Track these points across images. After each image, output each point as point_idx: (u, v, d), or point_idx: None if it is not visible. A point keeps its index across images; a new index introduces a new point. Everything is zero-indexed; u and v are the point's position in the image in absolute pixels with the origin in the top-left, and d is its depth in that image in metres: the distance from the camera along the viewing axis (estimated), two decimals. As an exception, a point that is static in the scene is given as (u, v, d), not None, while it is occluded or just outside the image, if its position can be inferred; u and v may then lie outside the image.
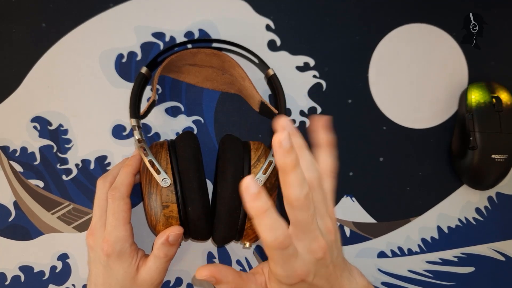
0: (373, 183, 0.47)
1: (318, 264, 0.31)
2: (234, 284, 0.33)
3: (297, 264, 0.30)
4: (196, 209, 0.36)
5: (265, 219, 0.27)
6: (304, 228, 0.29)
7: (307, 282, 0.31)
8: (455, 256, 0.47)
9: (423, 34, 0.48)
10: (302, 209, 0.29)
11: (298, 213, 0.29)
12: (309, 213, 0.29)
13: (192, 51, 0.43)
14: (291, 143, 0.27)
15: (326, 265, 0.31)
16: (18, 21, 0.46)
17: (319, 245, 0.30)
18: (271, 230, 0.28)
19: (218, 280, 0.32)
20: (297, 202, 0.28)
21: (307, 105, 0.47)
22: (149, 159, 0.37)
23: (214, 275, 0.32)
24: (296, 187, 0.28)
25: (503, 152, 0.43)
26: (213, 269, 0.32)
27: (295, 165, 0.28)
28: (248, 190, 0.27)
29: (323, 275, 0.32)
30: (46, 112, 0.46)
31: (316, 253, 0.30)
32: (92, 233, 0.38)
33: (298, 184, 0.28)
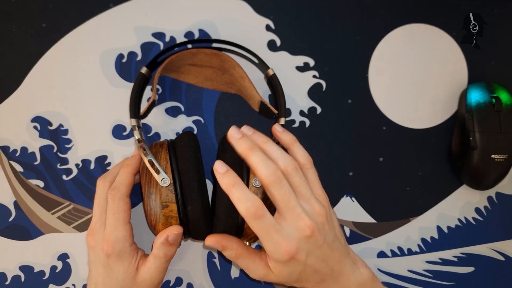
0: (373, 183, 0.47)
1: (309, 243, 0.33)
2: (238, 251, 0.36)
3: (282, 238, 0.32)
4: (195, 209, 0.36)
5: (235, 192, 0.31)
6: (284, 205, 0.32)
7: (300, 260, 0.33)
8: (454, 256, 0.47)
9: (423, 34, 0.48)
10: (274, 186, 0.32)
11: (273, 190, 0.32)
12: (283, 190, 0.32)
13: (192, 51, 0.43)
14: (241, 133, 0.33)
15: (319, 246, 0.33)
16: (18, 21, 0.46)
17: (304, 223, 0.32)
18: (242, 201, 0.31)
19: (223, 246, 0.36)
20: (267, 179, 0.32)
21: (307, 105, 0.47)
22: (149, 159, 0.37)
23: (220, 242, 0.36)
24: (261, 166, 0.32)
25: (503, 152, 0.43)
26: (219, 236, 0.36)
27: (252, 148, 0.32)
28: (217, 170, 0.32)
29: (319, 256, 0.34)
30: (46, 112, 0.46)
31: (303, 230, 0.32)
32: (92, 233, 0.38)
33: (262, 162, 0.32)
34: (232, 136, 0.33)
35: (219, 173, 0.32)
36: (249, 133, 0.35)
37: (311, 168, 0.37)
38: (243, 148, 0.33)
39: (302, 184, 0.34)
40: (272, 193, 0.32)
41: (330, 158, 0.47)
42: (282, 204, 0.32)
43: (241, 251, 0.36)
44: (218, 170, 0.32)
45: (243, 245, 0.36)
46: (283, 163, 0.34)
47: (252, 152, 0.32)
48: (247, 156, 0.32)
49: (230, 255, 0.36)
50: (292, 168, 0.34)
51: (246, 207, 0.31)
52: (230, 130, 0.34)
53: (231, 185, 0.32)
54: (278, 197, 0.32)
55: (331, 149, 0.47)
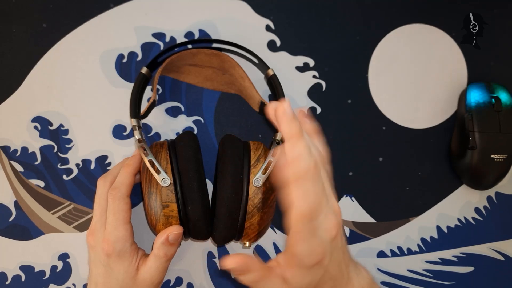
0: (373, 183, 0.47)
1: (332, 245, 0.30)
2: (261, 273, 0.30)
3: (317, 242, 0.29)
4: (196, 208, 0.36)
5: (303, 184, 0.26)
6: (318, 204, 0.28)
7: (323, 265, 0.30)
8: (454, 256, 0.47)
9: (423, 34, 0.48)
10: (313, 180, 0.27)
11: (310, 186, 0.27)
12: (319, 187, 0.28)
13: (192, 52, 0.43)
14: (293, 112, 0.27)
15: (338, 248, 0.30)
16: (18, 21, 0.46)
17: (332, 223, 0.29)
18: (305, 198, 0.26)
19: (246, 269, 0.30)
20: (309, 172, 0.27)
21: (307, 105, 0.47)
22: (149, 159, 0.37)
23: (243, 264, 0.30)
24: (305, 157, 0.27)
25: (503, 152, 0.43)
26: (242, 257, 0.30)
27: (301, 134, 0.27)
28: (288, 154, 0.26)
29: (336, 259, 0.31)
30: (47, 112, 0.46)
31: (331, 231, 0.29)
32: (93, 233, 0.39)
33: (306, 153, 0.27)
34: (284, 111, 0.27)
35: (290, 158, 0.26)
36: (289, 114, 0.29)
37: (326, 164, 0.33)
38: (293, 130, 0.27)
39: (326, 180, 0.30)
40: (308, 189, 0.27)
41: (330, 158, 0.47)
42: (317, 202, 0.28)
43: (264, 272, 0.30)
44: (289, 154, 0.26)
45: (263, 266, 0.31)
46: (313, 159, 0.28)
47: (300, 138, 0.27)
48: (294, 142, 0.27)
49: (251, 278, 0.30)
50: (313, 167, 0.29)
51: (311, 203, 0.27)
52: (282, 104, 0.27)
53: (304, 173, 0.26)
54: (313, 192, 0.28)
55: (331, 149, 0.46)
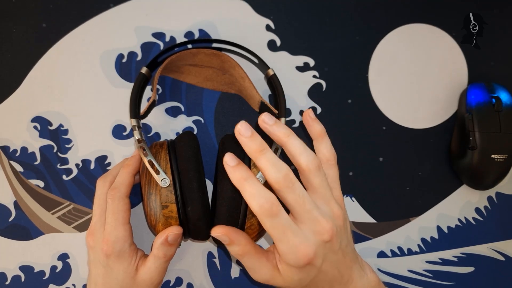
0: (373, 183, 0.47)
1: (326, 248, 0.30)
2: (246, 248, 0.33)
3: (300, 240, 0.30)
4: (195, 209, 0.36)
5: (247, 187, 0.29)
6: (299, 209, 0.30)
7: (315, 266, 0.31)
8: (454, 256, 0.47)
9: (423, 34, 0.48)
10: (286, 190, 0.29)
11: (284, 195, 0.29)
12: (296, 193, 0.29)
13: (192, 51, 0.43)
14: (251, 130, 0.29)
15: (334, 251, 0.31)
16: (18, 21, 0.46)
17: (323, 227, 0.30)
18: (255, 197, 0.29)
19: (231, 240, 0.32)
20: (278, 184, 0.29)
21: (307, 105, 0.47)
22: (149, 159, 0.37)
23: (228, 235, 0.32)
24: (271, 170, 0.29)
25: (503, 152, 0.43)
26: (228, 229, 0.33)
27: (261, 149, 0.29)
28: (227, 163, 0.29)
29: (333, 261, 0.31)
30: (47, 112, 0.46)
31: (322, 234, 0.30)
32: (92, 233, 0.38)
33: (272, 165, 0.29)
34: (240, 133, 0.30)
35: (229, 166, 0.29)
36: (270, 123, 0.31)
37: (334, 165, 0.34)
38: (251, 149, 0.29)
39: (323, 185, 0.31)
40: (284, 197, 0.30)
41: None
42: (296, 207, 0.30)
43: (249, 249, 0.33)
44: (229, 163, 0.29)
45: (252, 243, 0.33)
46: (306, 160, 0.31)
47: (261, 153, 0.29)
48: (256, 158, 0.29)
49: (236, 251, 0.33)
50: (315, 166, 0.31)
51: (259, 204, 0.28)
52: (240, 125, 0.30)
53: (243, 179, 0.29)
54: (291, 201, 0.30)
55: (331, 149, 0.47)
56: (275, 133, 0.31)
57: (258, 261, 0.33)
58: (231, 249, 0.33)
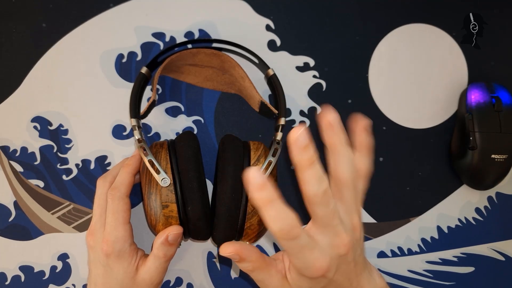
0: (373, 183, 0.47)
1: (340, 260, 0.30)
2: (257, 264, 0.32)
3: (315, 256, 0.29)
4: (195, 209, 0.36)
5: (269, 210, 0.27)
6: (325, 223, 0.29)
7: (327, 277, 0.31)
8: (455, 256, 0.47)
9: (423, 34, 0.48)
10: (321, 205, 0.28)
11: (317, 208, 0.29)
12: (329, 209, 0.29)
13: (192, 51, 0.43)
14: (307, 140, 0.27)
15: (347, 262, 0.31)
16: (18, 21, 0.46)
17: (342, 241, 0.30)
18: (276, 221, 0.27)
19: (241, 258, 0.32)
20: (315, 198, 0.28)
21: (307, 105, 0.47)
22: (149, 159, 0.37)
23: (238, 253, 0.31)
24: (314, 184, 0.28)
25: (503, 152, 0.43)
26: (238, 246, 0.32)
27: (311, 163, 0.28)
28: (253, 181, 0.26)
29: (344, 271, 0.31)
30: (46, 112, 0.46)
31: (339, 248, 0.30)
32: (92, 233, 0.38)
33: (315, 180, 0.28)
34: (297, 141, 0.27)
35: (255, 184, 0.26)
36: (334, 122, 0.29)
37: (365, 180, 0.33)
38: (302, 159, 0.28)
39: (351, 199, 0.31)
40: (315, 210, 0.29)
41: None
42: (324, 221, 0.29)
43: (260, 263, 0.32)
44: (255, 181, 0.26)
45: (261, 257, 0.32)
46: (348, 173, 0.30)
47: (310, 166, 0.28)
48: (303, 168, 0.28)
49: (247, 267, 0.32)
50: (351, 181, 0.30)
51: (280, 228, 0.28)
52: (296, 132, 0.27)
53: (268, 202, 0.27)
54: (321, 214, 0.29)
55: (331, 149, 0.47)
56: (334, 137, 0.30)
57: (267, 274, 0.32)
58: (242, 265, 0.32)
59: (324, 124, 0.30)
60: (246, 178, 0.26)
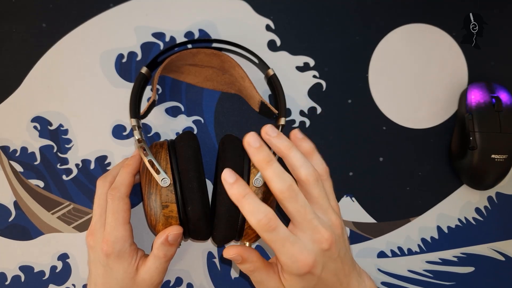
0: (373, 183, 0.47)
1: (325, 256, 0.31)
2: (257, 265, 0.34)
3: (298, 250, 0.31)
4: (195, 209, 0.36)
5: (245, 204, 0.30)
6: (300, 218, 0.31)
7: (315, 274, 0.31)
8: (455, 256, 0.47)
9: (423, 34, 0.48)
10: (289, 200, 0.30)
11: (287, 204, 0.31)
12: (299, 204, 0.31)
13: (192, 51, 0.43)
14: (260, 142, 0.31)
15: (333, 259, 0.32)
16: (18, 21, 0.46)
17: (322, 235, 0.31)
18: (253, 213, 0.30)
19: (243, 259, 0.34)
20: (282, 194, 0.30)
21: (307, 105, 0.47)
22: (149, 159, 0.37)
23: (241, 254, 0.34)
24: (277, 181, 0.30)
25: (503, 152, 0.43)
26: (240, 248, 0.34)
27: (269, 161, 0.31)
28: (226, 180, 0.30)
29: (332, 269, 0.32)
30: (46, 112, 0.46)
31: (321, 243, 0.31)
32: (92, 233, 0.38)
33: (277, 177, 0.30)
34: (249, 144, 0.31)
35: (228, 182, 0.30)
36: (273, 135, 0.32)
37: (327, 179, 0.35)
38: (259, 160, 0.31)
39: (321, 196, 0.33)
40: (287, 207, 0.31)
41: (330, 158, 0.47)
42: (298, 217, 0.31)
43: (259, 265, 0.34)
44: (227, 180, 0.30)
45: (261, 258, 0.34)
46: (305, 172, 0.32)
47: (268, 165, 0.30)
48: (262, 168, 0.31)
49: (248, 268, 0.34)
50: (314, 178, 0.32)
51: (257, 220, 0.30)
52: (248, 136, 0.31)
53: (241, 196, 0.30)
54: (293, 211, 0.31)
55: (331, 149, 0.47)
56: (277, 145, 0.32)
57: (266, 275, 0.34)
58: (243, 267, 0.34)
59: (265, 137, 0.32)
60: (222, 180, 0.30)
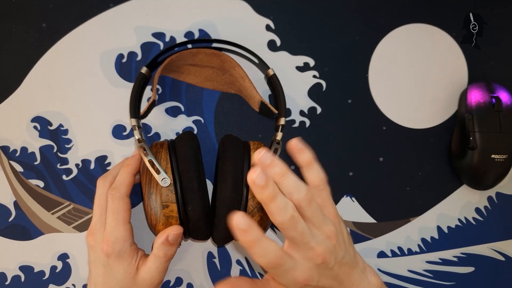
0: (373, 183, 0.47)
1: (320, 269, 0.33)
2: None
3: (297, 273, 0.32)
4: (196, 209, 0.36)
5: (256, 248, 0.30)
6: (297, 242, 0.32)
7: (311, 286, 0.33)
8: (455, 256, 0.47)
9: (423, 34, 0.48)
10: (289, 229, 0.32)
11: (287, 232, 0.32)
12: (297, 231, 0.32)
13: (192, 51, 0.43)
14: (265, 178, 0.30)
15: (329, 268, 0.33)
16: (18, 21, 0.46)
17: (315, 253, 0.32)
18: (263, 256, 0.31)
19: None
20: (283, 225, 0.31)
21: (307, 105, 0.47)
22: (149, 159, 0.37)
23: (232, 286, 0.34)
24: (279, 214, 0.31)
25: (503, 152, 0.43)
26: (231, 282, 0.34)
27: (273, 197, 0.31)
28: (238, 226, 0.29)
29: (328, 276, 0.34)
30: (46, 112, 0.46)
31: (314, 259, 0.32)
32: (92, 233, 0.38)
33: (279, 211, 0.31)
34: (254, 183, 0.30)
35: (240, 229, 0.30)
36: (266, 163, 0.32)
37: (324, 188, 0.35)
38: (263, 198, 0.31)
39: (315, 215, 0.33)
40: (286, 234, 0.32)
41: (330, 158, 0.47)
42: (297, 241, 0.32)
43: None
44: (240, 226, 0.29)
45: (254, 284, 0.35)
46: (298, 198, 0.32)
47: (271, 201, 0.31)
48: (266, 204, 0.31)
49: None
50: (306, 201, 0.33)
51: (267, 261, 0.31)
52: (252, 173, 0.30)
53: (253, 242, 0.30)
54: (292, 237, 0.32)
55: (331, 149, 0.47)
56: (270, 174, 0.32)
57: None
58: None
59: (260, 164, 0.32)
60: (232, 224, 0.29)
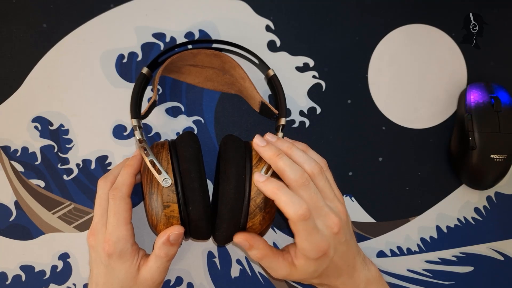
0: (373, 183, 0.47)
1: (336, 240, 0.35)
2: (264, 252, 0.36)
3: (319, 238, 0.34)
4: (197, 209, 0.36)
5: (282, 196, 0.32)
6: (313, 205, 0.33)
7: (328, 256, 0.35)
8: (454, 256, 0.47)
9: (423, 34, 0.48)
10: (303, 188, 0.33)
11: (302, 192, 0.33)
12: (311, 191, 0.33)
13: (192, 52, 0.43)
14: (266, 141, 0.35)
15: (342, 243, 0.35)
16: (18, 21, 0.46)
17: (333, 221, 0.34)
18: (289, 205, 0.32)
19: (250, 245, 0.36)
20: (296, 182, 0.33)
21: (307, 105, 0.47)
22: (150, 159, 0.37)
23: (248, 240, 0.36)
24: (289, 170, 0.33)
25: (502, 152, 0.43)
26: (248, 235, 0.37)
27: (277, 153, 0.34)
28: (258, 180, 0.34)
29: (341, 252, 0.35)
30: (47, 112, 0.46)
31: (332, 228, 0.34)
32: (93, 233, 0.39)
33: (288, 167, 0.34)
34: (258, 144, 0.35)
35: (260, 182, 0.34)
36: (272, 140, 0.36)
37: (327, 170, 0.38)
38: (269, 155, 0.34)
39: (326, 186, 0.35)
40: (301, 195, 0.33)
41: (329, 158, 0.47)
42: (312, 204, 0.34)
43: (267, 252, 0.36)
44: (259, 180, 0.34)
45: (268, 246, 0.37)
46: (309, 167, 0.35)
47: (278, 158, 0.34)
48: (275, 162, 0.34)
49: (255, 254, 0.37)
50: (317, 171, 0.35)
51: (295, 210, 0.32)
52: (255, 138, 0.35)
53: (276, 189, 0.33)
54: (307, 198, 0.33)
55: (331, 149, 0.47)
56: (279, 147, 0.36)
57: (275, 261, 0.36)
58: (251, 253, 0.37)
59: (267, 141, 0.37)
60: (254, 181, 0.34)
